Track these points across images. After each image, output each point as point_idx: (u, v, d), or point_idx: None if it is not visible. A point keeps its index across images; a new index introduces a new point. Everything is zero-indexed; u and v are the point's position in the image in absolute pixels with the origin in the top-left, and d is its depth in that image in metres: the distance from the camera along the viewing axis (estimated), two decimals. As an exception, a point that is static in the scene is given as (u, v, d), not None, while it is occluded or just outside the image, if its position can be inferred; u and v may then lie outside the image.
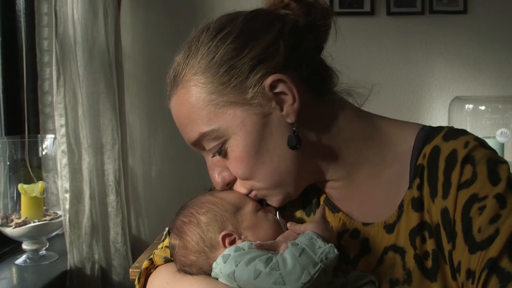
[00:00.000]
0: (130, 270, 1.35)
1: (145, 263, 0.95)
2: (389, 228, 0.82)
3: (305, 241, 0.74)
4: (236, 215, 0.85)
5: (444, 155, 0.78)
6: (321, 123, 0.84)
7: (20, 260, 1.63)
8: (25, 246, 1.62)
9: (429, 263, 0.77)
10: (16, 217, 1.61)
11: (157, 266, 0.95)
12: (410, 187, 0.82)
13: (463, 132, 0.81)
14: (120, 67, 1.88)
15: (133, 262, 1.60)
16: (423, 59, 2.12)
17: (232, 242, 0.82)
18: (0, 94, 1.85)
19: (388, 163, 0.86)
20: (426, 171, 0.80)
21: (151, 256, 0.96)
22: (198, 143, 0.84)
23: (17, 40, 1.89)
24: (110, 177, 1.73)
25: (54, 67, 1.62)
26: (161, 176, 2.18)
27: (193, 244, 0.84)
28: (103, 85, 1.71)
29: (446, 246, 0.75)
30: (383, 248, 0.82)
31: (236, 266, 0.74)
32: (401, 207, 0.82)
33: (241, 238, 0.83)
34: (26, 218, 1.59)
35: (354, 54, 2.07)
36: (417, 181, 0.81)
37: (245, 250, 0.77)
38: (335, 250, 0.71)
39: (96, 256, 1.67)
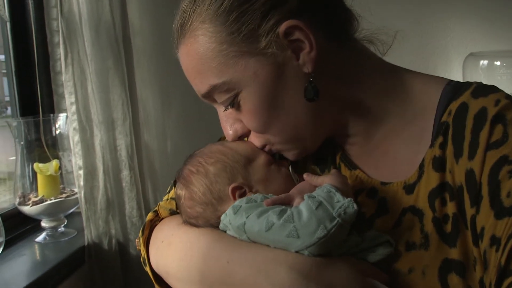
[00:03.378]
0: (136, 240, 1.34)
1: (150, 215, 0.92)
2: (409, 188, 0.77)
3: (322, 194, 0.69)
4: (247, 167, 0.81)
5: (472, 113, 0.72)
6: (341, 73, 0.78)
7: (40, 237, 1.66)
8: (44, 223, 1.65)
9: (448, 227, 0.72)
10: (34, 195, 1.64)
11: (162, 219, 0.92)
12: (432, 145, 0.76)
13: (494, 89, 0.74)
14: (128, 42, 1.87)
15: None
16: (437, 17, 2.05)
17: (242, 195, 0.79)
18: (13, 76, 1.86)
19: (410, 119, 0.80)
20: (451, 129, 0.74)
21: (156, 208, 0.93)
22: (209, 95, 0.80)
23: (26, 22, 1.89)
24: (123, 153, 1.73)
25: (61, 46, 1.62)
26: (177, 150, 2.16)
27: (199, 195, 0.81)
28: (111, 61, 1.71)
29: (469, 210, 0.70)
30: (401, 209, 0.77)
31: (247, 217, 0.70)
32: (421, 166, 0.76)
33: (251, 191, 0.79)
34: (43, 196, 1.61)
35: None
36: (440, 139, 0.75)
37: (257, 202, 0.73)
38: (355, 205, 0.67)
39: (113, 231, 1.68)
